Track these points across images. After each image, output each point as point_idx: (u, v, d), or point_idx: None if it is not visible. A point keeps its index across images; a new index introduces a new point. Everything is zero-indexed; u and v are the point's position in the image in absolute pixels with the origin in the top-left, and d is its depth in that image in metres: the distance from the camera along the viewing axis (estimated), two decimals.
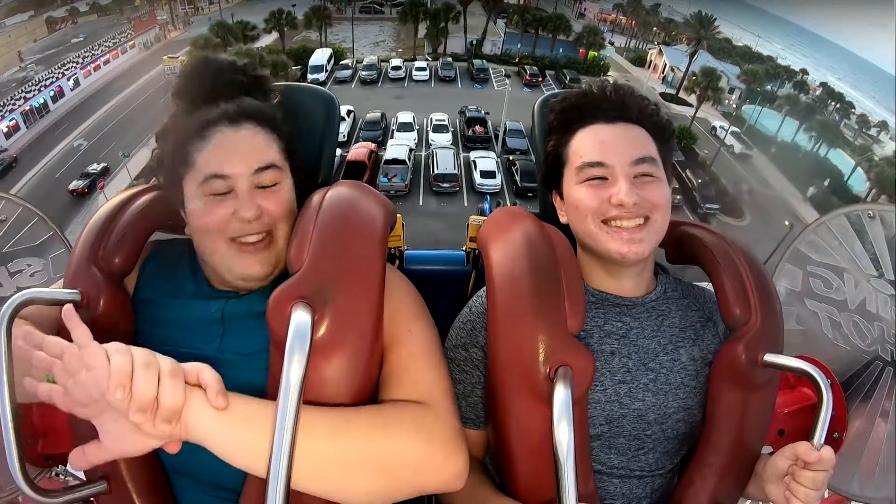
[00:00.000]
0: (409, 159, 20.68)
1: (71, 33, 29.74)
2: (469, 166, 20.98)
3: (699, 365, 0.93)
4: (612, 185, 0.88)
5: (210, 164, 0.82)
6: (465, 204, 19.57)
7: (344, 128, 23.04)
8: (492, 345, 0.85)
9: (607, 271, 0.95)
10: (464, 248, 1.40)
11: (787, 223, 19.15)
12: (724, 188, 22.57)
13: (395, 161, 20.13)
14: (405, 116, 24.38)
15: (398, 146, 21.33)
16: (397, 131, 23.49)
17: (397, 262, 1.38)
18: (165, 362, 0.64)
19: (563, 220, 0.97)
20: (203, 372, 0.66)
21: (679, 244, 1.01)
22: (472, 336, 0.94)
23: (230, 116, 0.84)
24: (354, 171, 19.03)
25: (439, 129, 23.82)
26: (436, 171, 20.20)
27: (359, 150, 20.53)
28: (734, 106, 29.29)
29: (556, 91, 1.10)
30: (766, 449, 0.93)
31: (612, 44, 36.51)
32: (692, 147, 25.32)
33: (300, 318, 0.70)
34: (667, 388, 0.90)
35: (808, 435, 0.80)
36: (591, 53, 33.87)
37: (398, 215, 1.07)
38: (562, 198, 0.97)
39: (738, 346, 0.86)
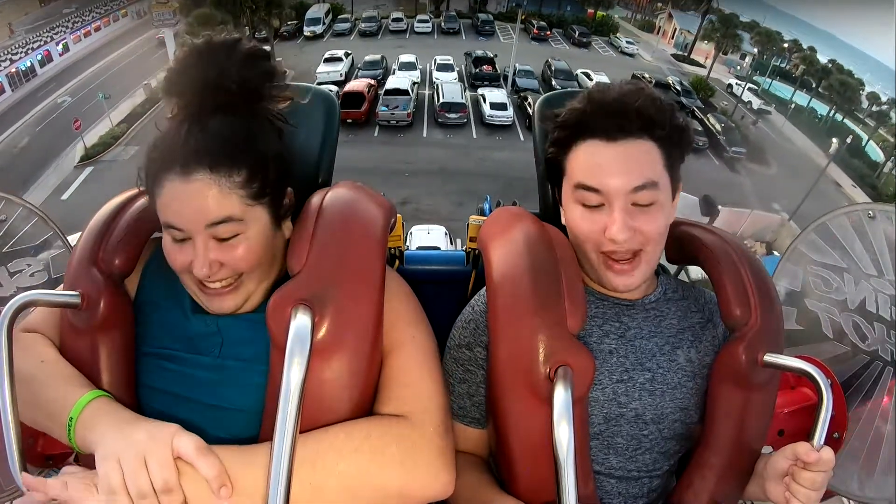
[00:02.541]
0: (412, 90, 19.50)
1: (63, 6, 29.25)
2: (477, 102, 19.73)
3: (696, 366, 0.93)
4: (606, 214, 0.84)
5: (165, 213, 0.76)
6: (474, 136, 18.43)
7: (341, 68, 22.18)
8: (492, 345, 0.85)
9: None
10: (464, 248, 1.41)
11: (833, 141, 18.81)
12: (746, 135, 21.89)
13: (396, 91, 18.84)
14: (407, 57, 23.11)
15: (400, 78, 20.11)
16: (399, 70, 22.01)
17: (397, 262, 1.38)
18: (158, 480, 0.65)
19: (564, 220, 0.95)
20: (200, 465, 0.67)
21: (679, 244, 1.01)
22: (475, 335, 0.94)
23: (182, 162, 0.74)
24: (352, 100, 18.22)
25: (444, 68, 22.40)
26: (442, 101, 18.82)
27: (357, 83, 19.72)
28: (748, 71, 29.01)
29: (557, 91, 1.10)
30: (767, 449, 0.93)
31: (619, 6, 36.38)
32: (709, 101, 25.00)
33: (300, 320, 0.70)
34: (663, 389, 0.90)
35: (808, 435, 0.80)
36: (600, 14, 33.67)
37: (398, 215, 1.07)
38: (560, 196, 0.95)
39: (739, 347, 0.86)
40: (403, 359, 0.83)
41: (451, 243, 10.36)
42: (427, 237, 10.41)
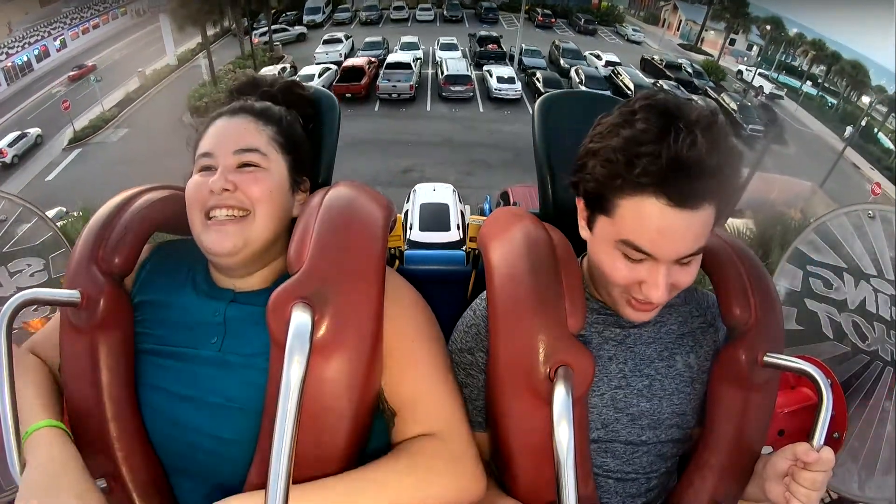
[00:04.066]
0: (415, 65, 19.07)
1: (62, 6, 29.22)
2: (483, 79, 19.14)
3: (695, 372, 0.92)
4: (646, 269, 0.78)
5: (202, 146, 0.88)
6: (481, 110, 17.71)
7: (341, 48, 21.94)
8: (492, 345, 0.85)
9: None
10: (464, 248, 1.41)
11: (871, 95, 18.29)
12: (761, 114, 21.30)
13: (398, 65, 18.40)
14: (410, 38, 22.89)
15: (402, 54, 19.77)
16: (400, 49, 21.65)
17: (397, 262, 1.38)
18: None
19: (583, 234, 0.87)
20: None
21: None
22: (476, 340, 0.94)
23: (232, 110, 0.92)
24: (351, 75, 17.91)
25: (448, 47, 22.02)
26: (446, 73, 18.37)
27: (357, 59, 19.42)
28: (755, 61, 28.77)
29: (559, 91, 1.08)
30: (767, 449, 0.92)
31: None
32: (721, 84, 24.85)
33: (300, 318, 0.70)
34: (661, 394, 0.90)
35: (808, 435, 0.80)
36: (604, 4, 33.81)
37: (398, 215, 1.07)
38: (587, 219, 0.85)
39: (739, 347, 0.86)
40: (420, 376, 0.85)
41: (460, 201, 9.57)
42: (433, 194, 9.43)
